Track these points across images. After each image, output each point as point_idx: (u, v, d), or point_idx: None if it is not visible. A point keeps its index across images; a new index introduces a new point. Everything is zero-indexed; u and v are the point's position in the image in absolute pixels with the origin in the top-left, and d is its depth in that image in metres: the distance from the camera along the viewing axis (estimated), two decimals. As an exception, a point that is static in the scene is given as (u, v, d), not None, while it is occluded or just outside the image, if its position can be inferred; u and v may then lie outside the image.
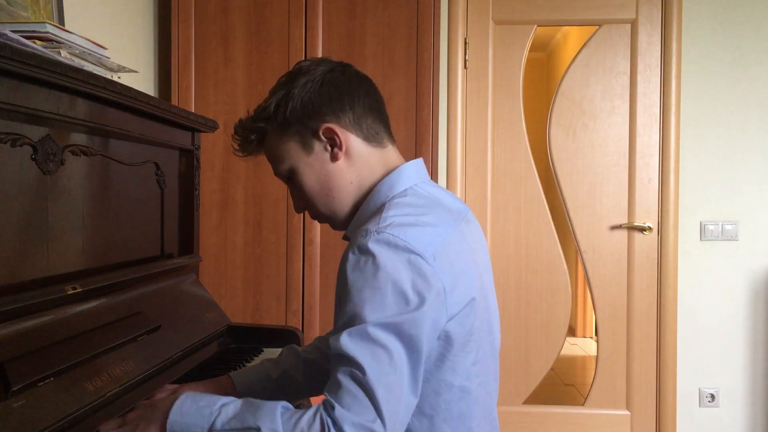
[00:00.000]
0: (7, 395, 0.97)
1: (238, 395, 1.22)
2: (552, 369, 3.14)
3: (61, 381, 1.09)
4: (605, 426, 3.02)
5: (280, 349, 1.81)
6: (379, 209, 1.08)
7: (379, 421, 0.91)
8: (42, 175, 1.21)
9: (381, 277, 0.96)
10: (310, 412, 0.95)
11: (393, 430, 0.94)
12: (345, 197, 1.13)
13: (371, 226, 1.01)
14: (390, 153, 1.16)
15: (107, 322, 1.32)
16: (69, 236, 1.31)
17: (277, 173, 1.17)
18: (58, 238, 1.27)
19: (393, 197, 1.10)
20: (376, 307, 0.95)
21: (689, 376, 2.97)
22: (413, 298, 0.96)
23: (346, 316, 0.97)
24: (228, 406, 0.98)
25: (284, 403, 0.98)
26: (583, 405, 3.06)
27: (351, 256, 1.00)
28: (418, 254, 0.98)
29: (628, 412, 3.01)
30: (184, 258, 1.80)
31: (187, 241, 1.87)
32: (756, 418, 2.97)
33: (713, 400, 2.96)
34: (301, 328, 2.60)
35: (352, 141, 1.12)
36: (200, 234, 2.13)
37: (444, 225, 1.06)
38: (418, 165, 1.16)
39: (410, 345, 0.95)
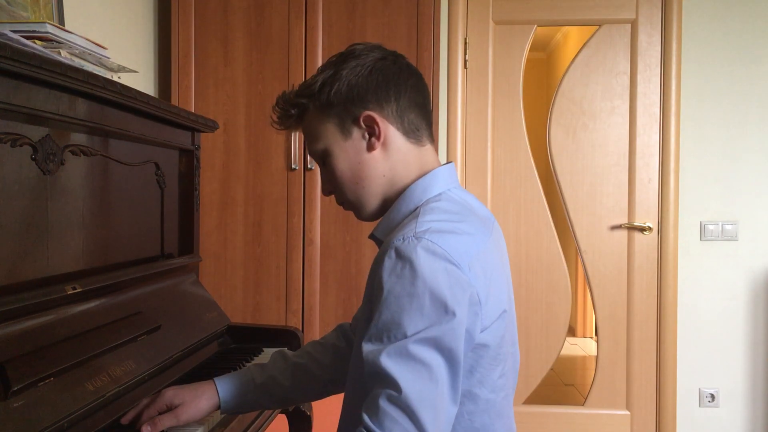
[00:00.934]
0: (7, 395, 0.97)
1: (222, 401, 1.20)
2: (552, 369, 3.14)
3: (61, 381, 1.09)
4: (605, 426, 3.02)
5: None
6: (414, 213, 1.06)
7: None
8: (42, 175, 1.21)
9: (419, 284, 0.93)
10: None
11: None
12: (374, 189, 1.10)
13: (408, 231, 0.98)
14: (427, 152, 1.13)
15: (107, 322, 1.32)
16: (69, 236, 1.31)
17: (311, 152, 1.14)
18: (58, 238, 1.27)
19: (427, 201, 1.07)
20: (414, 317, 0.93)
21: (689, 376, 2.97)
22: (451, 308, 0.94)
23: (381, 324, 0.95)
24: None
25: None
26: (583, 405, 3.06)
27: (387, 261, 0.97)
28: (455, 264, 0.96)
29: (628, 412, 3.01)
30: (184, 258, 1.80)
31: (187, 241, 1.87)
32: (756, 418, 2.97)
33: (713, 400, 2.96)
34: (301, 328, 2.60)
35: (392, 133, 1.09)
36: (200, 234, 2.13)
37: (479, 234, 1.04)
38: (450, 169, 1.14)
39: (450, 356, 0.94)
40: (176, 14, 2.67)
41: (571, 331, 5.09)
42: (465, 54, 2.97)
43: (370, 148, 1.08)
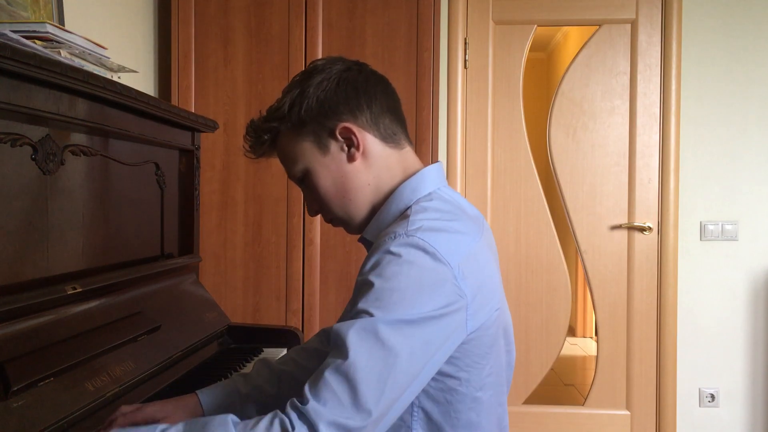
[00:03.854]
0: (7, 395, 0.97)
1: (205, 413, 1.14)
2: (552, 369, 3.14)
3: (61, 381, 1.09)
4: (605, 426, 3.02)
5: (279, 349, 1.81)
6: (404, 213, 1.05)
7: (358, 416, 0.87)
8: (42, 175, 1.21)
9: (402, 280, 0.93)
10: (267, 417, 0.90)
11: (375, 425, 0.90)
12: (362, 199, 1.09)
13: (400, 229, 0.98)
14: (408, 155, 1.13)
15: (107, 322, 1.32)
16: (69, 236, 1.31)
17: (290, 175, 1.13)
18: (58, 238, 1.27)
19: (418, 200, 1.07)
20: (391, 307, 0.92)
21: (689, 376, 2.97)
22: (432, 303, 0.93)
23: (357, 309, 0.93)
24: (171, 427, 0.93)
25: (232, 416, 0.94)
26: (583, 405, 3.06)
27: (376, 256, 0.97)
28: (444, 263, 0.95)
29: (628, 412, 3.01)
30: (184, 258, 1.80)
31: (187, 241, 1.87)
32: (756, 418, 2.97)
33: (713, 400, 2.96)
34: (301, 328, 2.60)
35: (370, 141, 1.08)
36: (200, 234, 2.13)
37: (471, 234, 1.04)
38: (439, 169, 1.14)
39: (417, 344, 0.92)
40: (176, 14, 2.66)
41: (571, 331, 5.09)
42: (465, 54, 2.97)
43: (351, 159, 1.07)
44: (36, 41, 1.37)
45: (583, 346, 5.04)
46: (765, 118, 2.94)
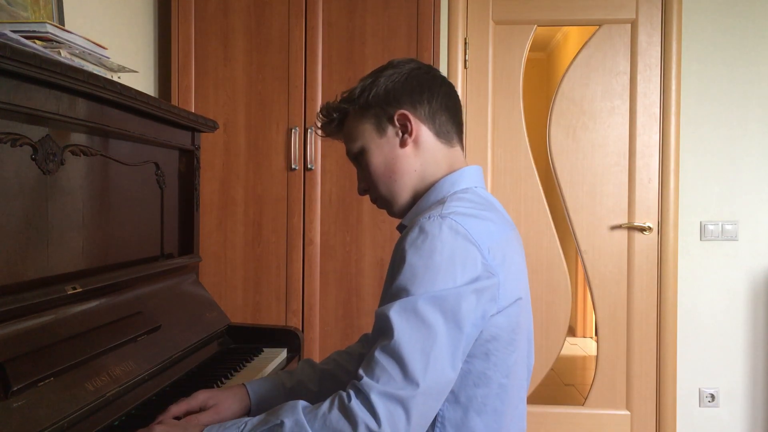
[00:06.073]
0: (7, 395, 0.97)
1: (252, 402, 1.23)
2: (552, 369, 3.14)
3: (61, 381, 1.09)
4: (605, 426, 3.02)
5: (279, 349, 1.82)
6: (440, 201, 1.13)
7: (408, 387, 0.95)
8: (42, 175, 1.21)
9: (436, 257, 1.01)
10: (330, 397, 0.99)
11: (426, 397, 0.96)
12: (406, 182, 1.19)
13: (434, 212, 1.06)
14: (456, 153, 1.22)
15: (107, 322, 1.32)
16: (69, 236, 1.31)
17: (348, 152, 1.23)
18: (58, 238, 1.27)
19: (454, 192, 1.16)
20: (426, 283, 1.00)
21: (689, 376, 2.97)
22: (462, 278, 1.01)
23: (395, 289, 1.02)
24: (253, 418, 1.03)
25: (303, 401, 1.02)
26: (583, 405, 3.06)
27: (411, 235, 1.05)
28: (475, 244, 1.04)
29: (628, 412, 3.01)
30: (184, 258, 1.80)
31: (187, 241, 1.87)
32: (756, 418, 2.97)
33: (713, 400, 2.96)
34: (301, 328, 2.60)
35: (423, 132, 1.18)
36: (200, 234, 2.13)
37: (500, 225, 1.13)
38: (478, 171, 1.23)
39: (452, 319, 0.99)
40: (176, 14, 2.66)
41: (571, 331, 5.09)
42: (465, 54, 2.97)
43: (403, 144, 1.18)
44: (36, 41, 1.37)
45: (583, 346, 5.04)
46: (765, 118, 2.94)
